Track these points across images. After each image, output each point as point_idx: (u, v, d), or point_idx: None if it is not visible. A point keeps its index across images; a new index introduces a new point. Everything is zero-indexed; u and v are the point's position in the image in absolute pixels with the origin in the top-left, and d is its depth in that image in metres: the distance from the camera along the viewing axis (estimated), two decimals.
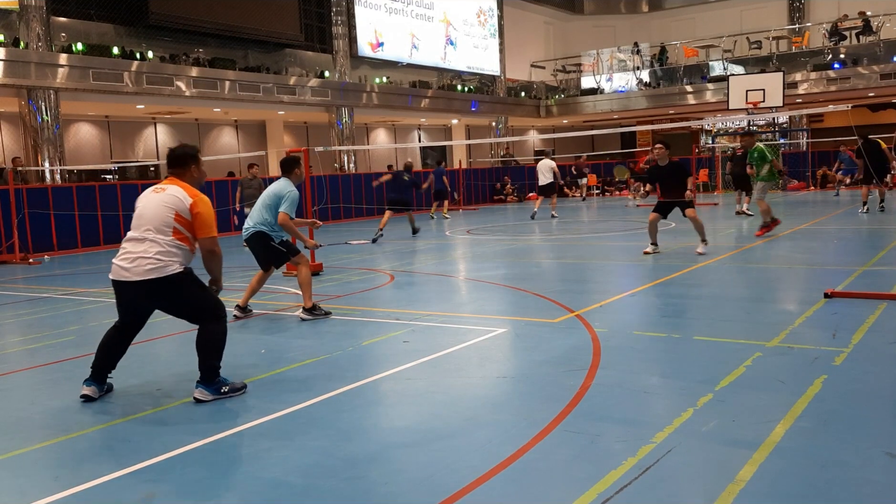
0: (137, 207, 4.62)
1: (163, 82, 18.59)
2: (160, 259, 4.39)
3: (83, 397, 4.59)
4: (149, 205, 4.53)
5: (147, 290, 4.43)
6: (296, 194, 6.99)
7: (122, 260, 4.48)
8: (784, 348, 5.07)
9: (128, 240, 4.53)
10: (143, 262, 4.38)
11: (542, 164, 18.78)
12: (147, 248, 4.41)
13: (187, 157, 4.69)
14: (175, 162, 4.69)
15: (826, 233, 12.47)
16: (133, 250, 4.44)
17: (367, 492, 3.17)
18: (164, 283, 4.40)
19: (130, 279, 4.42)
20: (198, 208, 4.48)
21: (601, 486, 3.06)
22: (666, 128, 28.52)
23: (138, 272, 4.39)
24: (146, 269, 4.38)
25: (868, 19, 25.91)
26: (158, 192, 4.57)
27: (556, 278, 9.08)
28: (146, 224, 4.46)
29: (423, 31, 27.33)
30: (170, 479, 3.38)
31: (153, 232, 4.43)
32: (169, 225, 4.44)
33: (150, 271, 4.37)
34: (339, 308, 7.38)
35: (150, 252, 4.39)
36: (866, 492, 2.96)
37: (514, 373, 4.86)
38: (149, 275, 4.37)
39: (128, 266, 4.42)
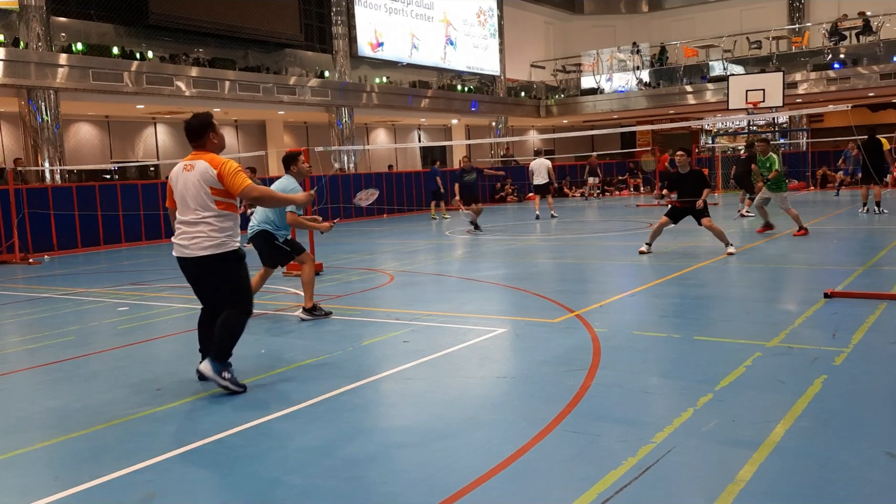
0: (176, 187, 4.78)
1: (163, 82, 18.59)
2: (215, 236, 4.66)
3: (198, 373, 4.78)
4: (186, 185, 4.72)
5: (203, 267, 4.69)
6: (299, 191, 7.01)
7: (181, 238, 4.72)
8: (784, 348, 5.07)
9: (181, 221, 4.74)
10: (201, 240, 4.65)
11: (538, 164, 18.75)
12: (201, 228, 4.65)
13: (203, 126, 4.83)
14: (193, 135, 4.84)
15: (826, 233, 12.47)
16: (189, 230, 4.69)
17: (367, 492, 3.17)
18: (218, 260, 4.68)
19: (191, 255, 4.67)
20: (222, 173, 4.64)
21: (601, 485, 3.07)
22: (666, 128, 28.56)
23: (197, 248, 4.65)
24: (204, 245, 4.64)
25: (868, 19, 25.91)
26: (189, 171, 4.75)
27: (556, 278, 9.08)
28: (192, 205, 4.69)
29: (422, 31, 27.33)
30: (170, 479, 3.38)
31: (201, 210, 4.66)
32: (211, 199, 4.66)
33: (207, 247, 4.64)
34: (339, 308, 7.38)
35: (206, 231, 4.65)
36: (866, 492, 2.96)
37: (514, 373, 4.86)
38: (206, 251, 4.64)
39: (187, 244, 4.68)
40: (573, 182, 31.04)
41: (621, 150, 33.56)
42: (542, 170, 18.64)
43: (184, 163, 4.82)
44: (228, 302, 4.78)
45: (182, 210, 4.75)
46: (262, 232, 7.00)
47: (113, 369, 5.46)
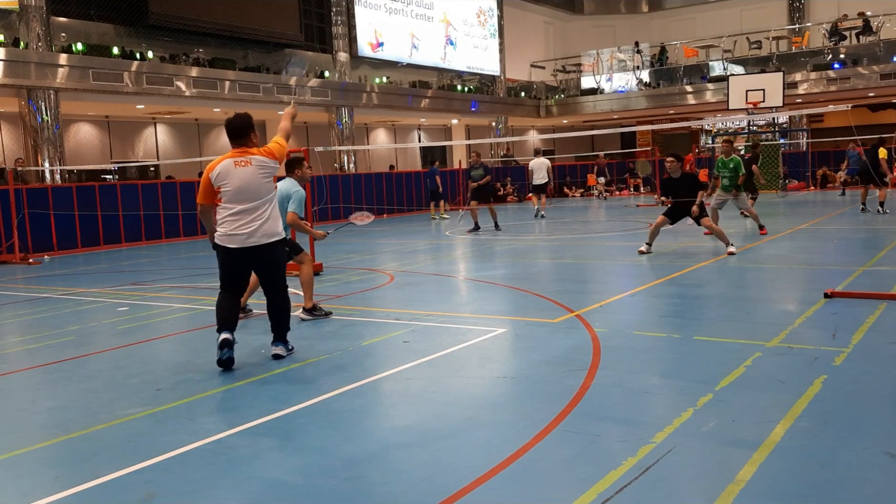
0: (233, 181, 5.09)
1: (163, 82, 18.59)
2: (277, 221, 5.26)
3: (223, 343, 5.13)
4: (249, 179, 5.11)
5: (262, 253, 5.17)
6: (302, 194, 7.12)
7: (241, 229, 5.10)
8: (784, 348, 5.07)
9: (238, 212, 5.10)
10: (265, 226, 5.14)
11: (537, 163, 18.73)
12: (262, 213, 5.14)
13: (247, 127, 5.26)
14: (237, 134, 5.23)
15: (826, 233, 12.47)
16: (250, 218, 5.11)
17: (367, 492, 3.17)
18: (278, 245, 5.28)
19: (257, 243, 5.11)
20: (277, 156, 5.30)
21: (601, 486, 3.07)
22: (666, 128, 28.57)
23: (261, 235, 5.13)
24: (268, 232, 5.16)
25: (868, 19, 25.92)
26: (247, 166, 5.12)
27: (556, 278, 9.08)
28: (255, 197, 5.11)
29: (422, 31, 27.33)
30: (170, 479, 3.38)
31: (263, 201, 5.14)
32: (271, 191, 5.24)
33: (271, 234, 5.18)
34: (339, 308, 7.38)
35: (267, 216, 5.16)
36: (866, 492, 2.96)
37: (514, 373, 4.86)
38: (271, 237, 5.17)
39: (250, 231, 5.10)
40: (573, 182, 31.05)
41: (622, 150, 33.57)
42: (542, 169, 18.63)
43: (235, 159, 5.16)
44: (279, 284, 5.38)
45: (240, 201, 5.10)
46: None
47: (113, 369, 5.46)
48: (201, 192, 5.23)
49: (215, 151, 24.08)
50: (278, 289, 5.41)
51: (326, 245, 14.08)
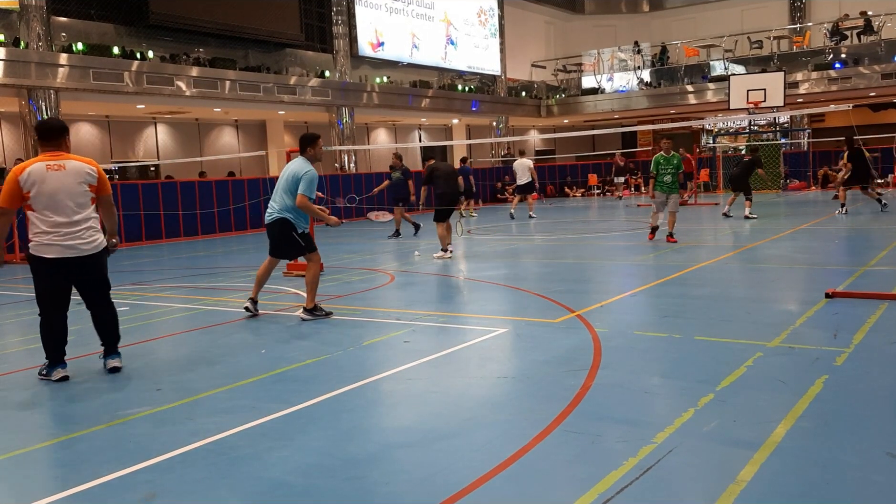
0: (45, 187, 4.99)
1: (163, 82, 18.58)
2: (98, 231, 5.27)
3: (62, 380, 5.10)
4: (63, 184, 5.02)
5: (84, 265, 5.11)
6: (313, 174, 6.78)
7: (60, 239, 5.03)
8: (785, 348, 5.06)
9: (55, 222, 5.03)
10: (84, 235, 5.07)
11: (520, 164, 18.67)
12: (81, 222, 5.07)
13: (62, 130, 5.26)
14: (51, 136, 5.17)
15: (827, 233, 12.46)
16: (68, 229, 5.01)
17: (368, 492, 3.17)
18: (102, 254, 5.24)
19: (76, 255, 5.04)
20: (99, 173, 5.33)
21: (602, 486, 3.06)
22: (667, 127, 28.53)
23: (82, 246, 5.07)
24: (89, 241, 5.09)
25: (869, 19, 25.90)
26: (60, 170, 5.04)
27: (556, 278, 9.07)
28: (72, 204, 5.05)
29: (423, 30, 27.32)
30: (170, 479, 3.38)
31: (81, 208, 5.08)
32: (89, 199, 5.18)
33: (91, 243, 5.13)
34: (340, 308, 7.38)
35: (87, 225, 5.10)
36: (867, 492, 2.95)
37: (514, 373, 4.86)
38: (94, 248, 5.15)
39: (70, 243, 5.03)
40: (574, 182, 31.05)
41: (622, 150, 33.55)
42: (524, 170, 18.54)
43: (44, 163, 5.02)
44: (107, 298, 5.33)
45: (57, 209, 4.98)
46: (282, 220, 6.85)
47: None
48: (4, 195, 5.01)
49: (215, 151, 24.10)
50: (106, 301, 5.28)
51: (328, 244, 14.08)
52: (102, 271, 5.22)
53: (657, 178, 11.61)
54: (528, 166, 18.57)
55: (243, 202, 19.05)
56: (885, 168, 25.24)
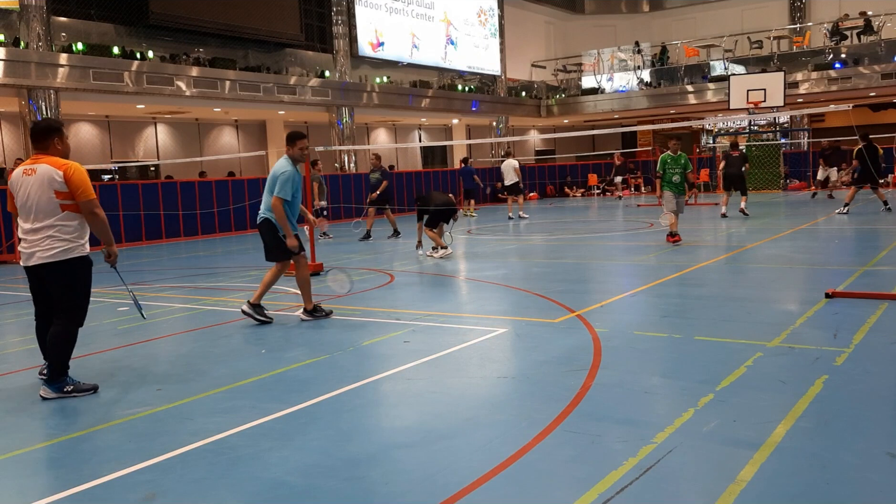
0: (20, 192, 4.85)
1: (163, 82, 18.58)
2: (59, 241, 4.87)
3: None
4: (31, 190, 4.80)
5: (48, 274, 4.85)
6: (290, 173, 6.53)
7: (25, 246, 4.89)
8: (785, 348, 5.06)
9: (26, 229, 4.88)
10: (44, 244, 4.78)
11: (507, 164, 18.59)
12: (44, 230, 4.81)
13: (49, 131, 4.91)
14: (36, 137, 4.90)
15: (826, 233, 12.46)
16: (33, 237, 4.83)
17: (368, 492, 3.17)
18: (63, 265, 4.82)
19: (37, 263, 4.83)
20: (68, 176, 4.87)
21: (602, 486, 3.06)
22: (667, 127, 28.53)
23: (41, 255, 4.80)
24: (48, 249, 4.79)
25: (869, 19, 25.90)
26: (31, 175, 4.79)
27: (556, 278, 9.07)
28: (37, 211, 4.81)
29: (423, 30, 27.32)
30: (170, 479, 3.38)
31: (45, 215, 4.81)
32: (56, 207, 4.84)
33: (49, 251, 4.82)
34: (340, 308, 7.38)
35: (49, 233, 4.80)
36: (867, 492, 2.95)
37: (514, 373, 4.86)
38: (51, 257, 4.82)
39: (30, 252, 4.86)
40: (574, 182, 31.05)
41: (622, 150, 33.56)
42: (510, 170, 18.46)
43: (23, 167, 4.85)
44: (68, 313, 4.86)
45: (26, 216, 4.81)
46: (266, 220, 6.76)
47: (113, 369, 5.45)
48: (8, 200, 4.98)
49: (215, 151, 24.10)
50: (60, 318, 4.80)
51: (328, 244, 14.07)
52: (62, 283, 4.76)
53: (664, 178, 11.51)
54: (514, 167, 18.45)
55: (243, 202, 19.04)
56: (885, 168, 25.24)
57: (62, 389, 4.71)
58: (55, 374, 4.73)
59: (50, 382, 4.73)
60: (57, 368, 4.73)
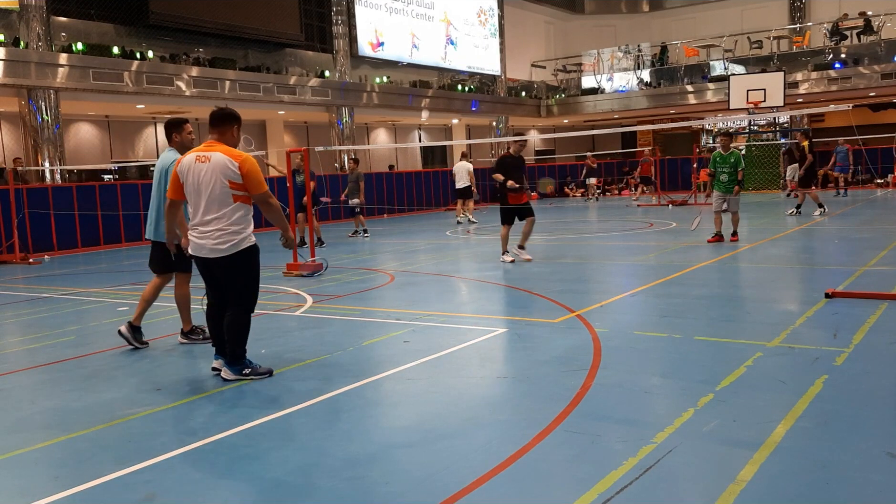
0: (189, 178, 4.90)
1: (163, 82, 18.58)
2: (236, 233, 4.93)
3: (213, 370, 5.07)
4: (203, 177, 4.84)
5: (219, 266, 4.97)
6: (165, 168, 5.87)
7: (197, 237, 4.98)
8: (785, 348, 5.06)
9: (196, 218, 4.95)
10: (220, 236, 4.86)
11: (459, 167, 18.44)
12: (219, 220, 4.87)
13: (227, 118, 5.01)
14: (213, 122, 4.96)
15: (826, 233, 12.46)
16: (207, 228, 4.89)
17: (368, 492, 3.17)
18: (236, 257, 4.90)
19: (209, 256, 4.91)
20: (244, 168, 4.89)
21: (602, 486, 3.06)
22: (667, 128, 28.53)
23: (213, 247, 4.87)
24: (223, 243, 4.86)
25: (869, 19, 25.90)
26: (206, 162, 4.83)
27: (556, 278, 9.07)
28: (210, 200, 4.86)
29: (423, 30, 27.31)
30: (170, 479, 3.38)
31: (220, 205, 4.86)
32: (229, 196, 4.87)
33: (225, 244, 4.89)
34: (340, 308, 7.38)
35: (224, 224, 4.86)
36: (867, 492, 2.95)
37: (514, 373, 4.86)
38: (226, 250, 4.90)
39: (202, 242, 4.91)
40: (574, 182, 31.04)
41: (622, 150, 33.57)
42: (463, 173, 18.34)
43: (195, 154, 4.88)
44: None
45: (197, 204, 4.84)
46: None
47: (113, 369, 5.46)
48: (171, 185, 4.96)
49: None
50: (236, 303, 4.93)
51: (328, 245, 14.07)
52: (236, 274, 4.93)
53: (715, 177, 11.40)
54: (468, 170, 18.31)
55: None
56: (885, 168, 25.24)
57: (241, 372, 4.92)
58: (235, 358, 4.93)
59: (230, 365, 4.93)
60: (237, 353, 4.92)
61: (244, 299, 4.95)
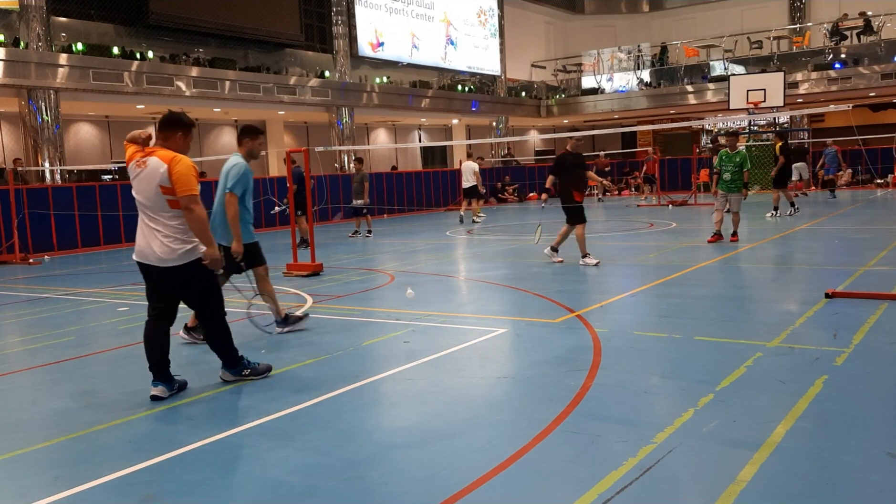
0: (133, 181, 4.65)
1: (163, 82, 18.58)
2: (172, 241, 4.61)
3: (152, 397, 4.58)
4: (141, 182, 4.56)
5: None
6: (246, 173, 5.97)
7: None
8: (785, 348, 5.06)
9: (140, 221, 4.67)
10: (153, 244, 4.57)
11: (465, 166, 18.47)
12: (153, 227, 4.60)
13: (173, 123, 4.77)
14: (160, 126, 4.71)
15: (826, 233, 12.46)
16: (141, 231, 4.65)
17: (368, 492, 3.17)
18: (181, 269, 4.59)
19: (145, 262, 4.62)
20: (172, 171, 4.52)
21: (602, 486, 3.06)
22: (667, 128, 28.53)
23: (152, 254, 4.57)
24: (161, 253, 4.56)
25: (869, 19, 25.90)
26: (143, 167, 4.56)
27: (556, 278, 9.07)
28: (148, 205, 4.57)
29: (423, 30, 27.31)
30: (170, 479, 3.38)
31: (155, 211, 4.58)
32: (164, 202, 4.54)
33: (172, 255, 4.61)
34: (339, 308, 7.38)
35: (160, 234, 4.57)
36: (867, 492, 2.95)
37: (514, 373, 4.86)
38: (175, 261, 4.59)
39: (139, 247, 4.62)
40: None
41: (622, 150, 33.56)
42: (468, 173, 18.35)
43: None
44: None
45: (142, 207, 4.59)
46: None
47: (113, 369, 5.46)
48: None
49: (215, 151, 24.08)
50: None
51: (327, 244, 14.07)
52: (188, 286, 4.68)
53: (720, 175, 11.37)
54: (474, 170, 18.31)
55: None
56: (885, 168, 25.24)
57: (241, 373, 4.88)
58: (231, 362, 4.87)
59: (229, 367, 4.88)
60: (231, 356, 4.86)
61: (208, 304, 4.73)
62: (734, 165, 11.21)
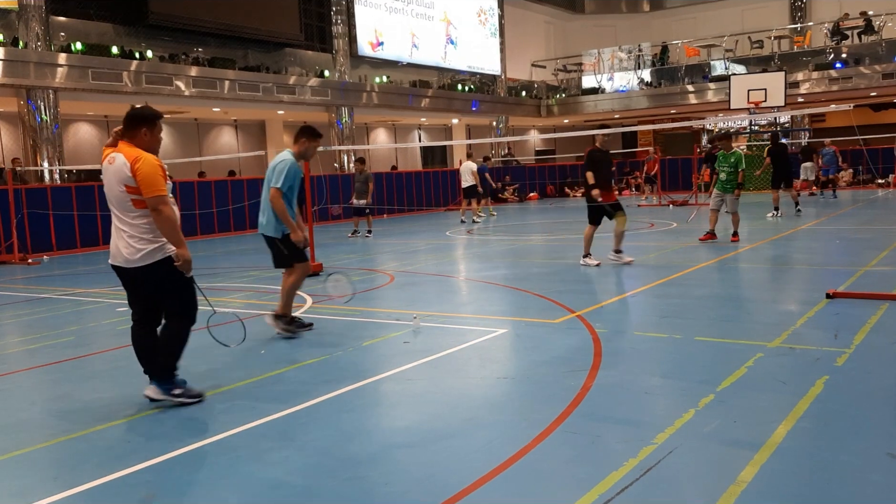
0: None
1: (162, 82, 18.58)
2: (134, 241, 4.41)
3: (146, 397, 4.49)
4: (108, 180, 4.38)
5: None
6: (295, 170, 6.02)
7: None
8: (785, 349, 5.06)
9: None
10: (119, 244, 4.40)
11: (464, 167, 18.49)
12: (119, 229, 4.46)
13: (136, 119, 4.45)
14: (125, 124, 4.44)
15: (827, 233, 12.45)
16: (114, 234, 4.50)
17: (368, 492, 3.16)
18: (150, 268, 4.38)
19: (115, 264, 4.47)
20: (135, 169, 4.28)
21: (602, 486, 3.05)
22: (667, 127, 28.52)
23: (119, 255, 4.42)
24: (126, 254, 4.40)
25: (870, 19, 25.90)
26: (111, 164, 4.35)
27: (556, 279, 9.06)
28: (114, 205, 4.42)
29: (423, 30, 27.31)
30: (170, 479, 3.37)
31: (121, 212, 4.40)
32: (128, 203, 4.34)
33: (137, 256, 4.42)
34: (340, 308, 7.37)
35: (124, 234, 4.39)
36: (867, 492, 2.95)
37: (514, 373, 4.85)
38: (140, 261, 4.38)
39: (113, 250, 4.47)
40: (574, 182, 31.04)
41: (622, 150, 33.56)
42: (466, 173, 18.36)
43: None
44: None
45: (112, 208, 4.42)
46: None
47: (113, 369, 5.45)
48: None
49: (215, 151, 24.08)
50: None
51: (328, 244, 14.07)
52: (158, 287, 4.47)
53: (718, 176, 11.49)
54: (472, 170, 18.34)
55: (243, 202, 19.03)
56: (885, 168, 25.23)
57: (170, 392, 4.42)
58: (164, 373, 4.43)
59: (159, 382, 4.42)
60: (168, 367, 4.44)
61: (180, 306, 4.46)
62: (729, 166, 11.29)
